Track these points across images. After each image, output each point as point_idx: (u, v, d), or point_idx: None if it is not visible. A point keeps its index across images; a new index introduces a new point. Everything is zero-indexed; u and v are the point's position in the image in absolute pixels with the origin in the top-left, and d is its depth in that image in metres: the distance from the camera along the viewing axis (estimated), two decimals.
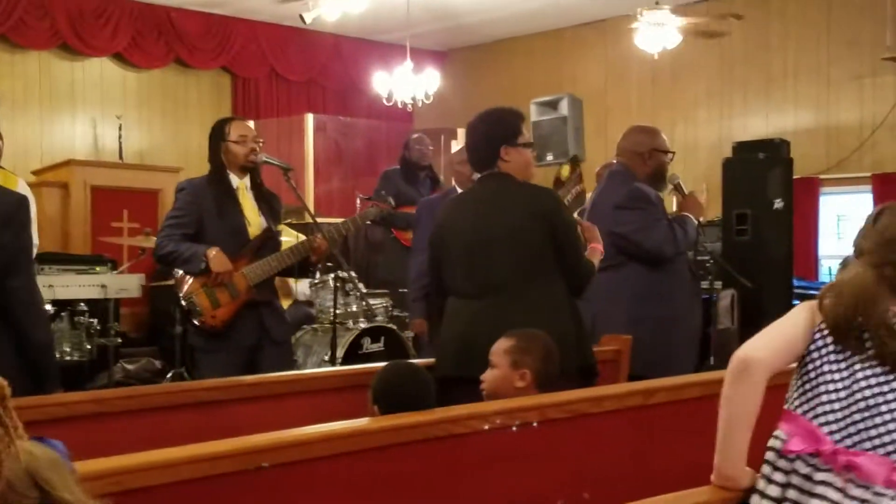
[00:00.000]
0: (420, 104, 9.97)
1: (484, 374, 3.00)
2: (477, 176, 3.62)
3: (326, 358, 5.51)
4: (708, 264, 6.10)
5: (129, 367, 6.82)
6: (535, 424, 2.56)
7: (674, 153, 4.53)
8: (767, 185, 6.52)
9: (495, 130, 3.48)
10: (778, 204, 6.51)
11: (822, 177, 8.90)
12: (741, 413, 1.90)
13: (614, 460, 2.75)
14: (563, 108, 7.97)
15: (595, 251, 3.64)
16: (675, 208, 4.79)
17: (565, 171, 7.76)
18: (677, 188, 4.57)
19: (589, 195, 5.31)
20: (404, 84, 9.83)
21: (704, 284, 5.71)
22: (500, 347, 3.00)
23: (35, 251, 4.62)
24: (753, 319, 6.32)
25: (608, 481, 2.65)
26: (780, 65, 9.30)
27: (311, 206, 8.20)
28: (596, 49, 10.51)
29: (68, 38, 9.08)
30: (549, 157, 7.88)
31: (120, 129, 9.12)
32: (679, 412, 2.92)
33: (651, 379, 3.16)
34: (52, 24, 8.94)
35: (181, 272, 4.18)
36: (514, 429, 2.52)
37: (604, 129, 9.67)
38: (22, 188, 5.14)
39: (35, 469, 1.32)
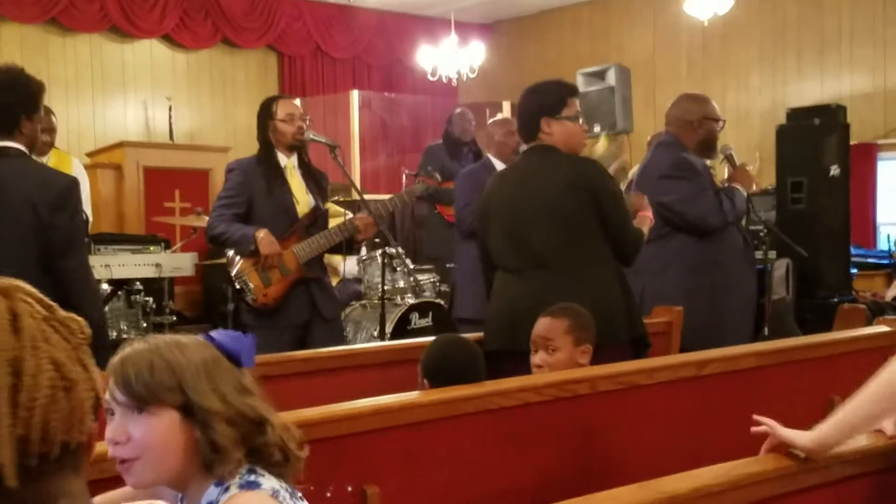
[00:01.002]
0: (465, 78, 9.92)
1: (541, 359, 2.92)
2: (523, 149, 3.60)
3: (375, 333, 5.54)
4: (762, 234, 6.00)
5: None
6: (586, 397, 2.55)
7: (724, 121, 4.44)
8: (823, 152, 6.37)
9: (536, 102, 3.45)
10: (834, 171, 6.37)
11: (879, 142, 8.69)
12: None
13: (667, 432, 2.72)
14: (611, 78, 7.86)
15: (645, 219, 3.60)
16: (725, 177, 4.71)
17: (602, 146, 7.67)
18: (729, 159, 4.48)
19: (636, 168, 5.23)
20: (449, 58, 9.79)
21: (758, 254, 5.61)
22: (558, 328, 2.92)
23: (88, 226, 4.70)
24: (809, 289, 6.22)
25: (661, 453, 2.62)
26: (835, 28, 9.08)
27: (357, 182, 8.23)
28: (644, 16, 10.35)
29: (117, 21, 9.18)
30: (597, 129, 7.79)
31: (170, 110, 9.22)
32: (733, 383, 2.88)
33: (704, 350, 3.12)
34: (102, 7, 9.05)
35: (232, 252, 4.23)
36: (565, 401, 2.51)
37: (652, 99, 9.55)
38: (76, 168, 5.26)
39: None
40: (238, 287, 4.16)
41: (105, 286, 5.72)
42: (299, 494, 1.51)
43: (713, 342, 3.36)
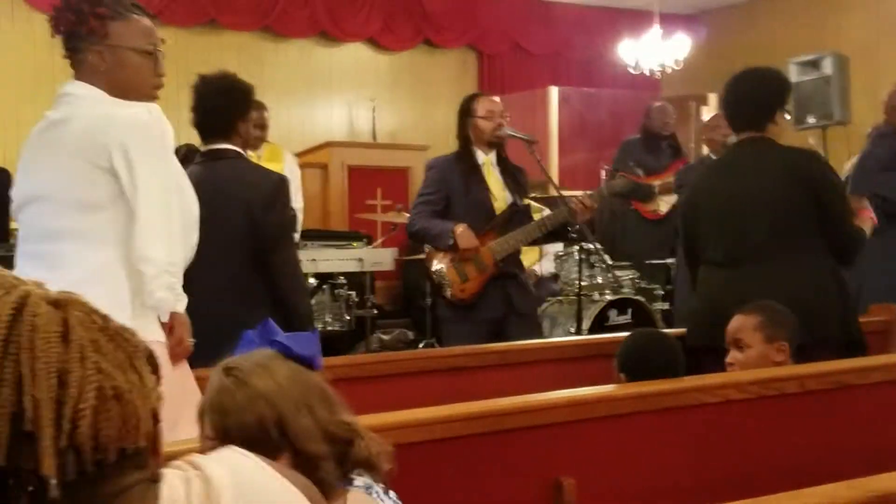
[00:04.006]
0: (669, 71, 9.68)
1: (732, 356, 2.86)
2: (732, 139, 3.46)
3: (572, 330, 5.50)
4: None
5: (385, 337, 7.12)
6: (792, 396, 2.43)
7: None
8: None
9: (774, 90, 3.32)
10: None
11: None
12: None
13: (879, 434, 2.55)
14: (827, 67, 7.44)
15: (866, 219, 3.39)
16: None
17: None
18: None
19: (854, 160, 4.94)
20: (651, 51, 9.58)
21: None
22: (747, 325, 2.85)
23: (301, 215, 4.94)
24: None
25: (871, 454, 2.45)
26: None
27: (555, 178, 8.20)
28: (865, 0, 9.73)
29: (326, 26, 9.58)
30: (811, 120, 7.41)
31: (373, 110, 9.53)
32: None
33: None
34: (312, 13, 9.47)
35: (431, 247, 4.32)
36: (770, 399, 2.40)
37: (873, 89, 8.92)
38: (288, 159, 5.57)
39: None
40: (436, 282, 4.24)
41: (311, 280, 5.97)
42: (393, 495, 1.51)
43: None
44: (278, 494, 1.05)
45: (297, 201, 4.42)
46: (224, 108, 3.34)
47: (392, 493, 1.52)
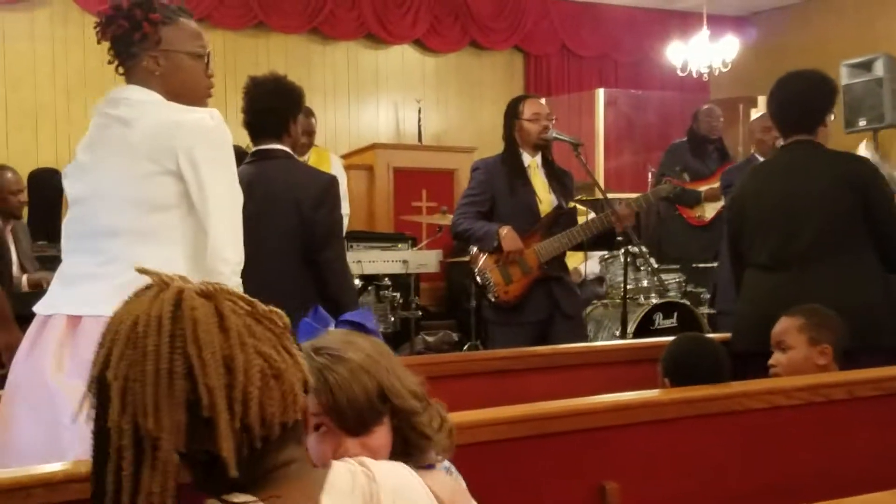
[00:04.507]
0: (717, 73, 9.60)
1: (774, 358, 2.85)
2: (780, 143, 3.43)
3: (617, 333, 5.47)
4: None
5: (429, 339, 7.14)
6: (841, 402, 2.40)
7: None
8: None
9: (823, 93, 3.29)
10: None
11: None
12: None
13: None
14: (878, 69, 7.35)
15: None
16: None
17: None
18: None
19: None
20: (700, 53, 9.50)
21: None
22: (791, 326, 2.84)
23: (347, 220, 4.99)
24: None
25: None
26: None
27: (601, 181, 8.16)
28: None
29: (373, 28, 9.63)
30: (862, 123, 7.31)
31: (419, 112, 9.55)
32: None
33: None
34: (359, 15, 9.52)
35: (475, 249, 4.32)
36: (819, 406, 2.37)
37: None
38: (334, 162, 5.61)
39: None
40: (481, 283, 4.25)
41: (357, 281, 6.00)
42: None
43: None
44: None
45: (343, 207, 4.48)
46: (275, 108, 3.39)
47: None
